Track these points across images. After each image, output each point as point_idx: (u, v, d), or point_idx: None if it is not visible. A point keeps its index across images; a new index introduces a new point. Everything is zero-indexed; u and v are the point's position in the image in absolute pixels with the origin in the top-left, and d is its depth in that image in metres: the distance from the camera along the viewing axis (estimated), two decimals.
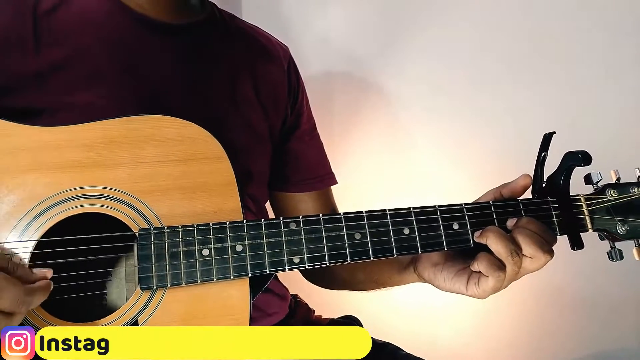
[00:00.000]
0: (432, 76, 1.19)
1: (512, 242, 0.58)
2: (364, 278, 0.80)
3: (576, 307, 1.24)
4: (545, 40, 1.18)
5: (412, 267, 0.70)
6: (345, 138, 1.19)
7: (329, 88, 1.18)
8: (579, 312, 1.24)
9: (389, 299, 0.81)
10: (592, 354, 1.26)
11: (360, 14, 1.19)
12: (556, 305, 1.23)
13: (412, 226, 0.60)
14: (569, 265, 1.16)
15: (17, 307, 0.45)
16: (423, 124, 1.21)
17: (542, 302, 1.24)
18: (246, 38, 0.78)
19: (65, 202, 0.54)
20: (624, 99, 1.19)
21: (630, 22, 1.18)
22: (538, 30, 1.18)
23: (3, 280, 0.45)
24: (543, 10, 1.18)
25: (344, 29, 1.19)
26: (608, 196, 0.67)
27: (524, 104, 1.19)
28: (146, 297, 0.53)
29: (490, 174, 1.15)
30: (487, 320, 1.23)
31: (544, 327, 1.25)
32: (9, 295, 0.44)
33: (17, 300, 0.45)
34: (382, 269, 0.76)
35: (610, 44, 1.18)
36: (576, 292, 1.23)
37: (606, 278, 1.21)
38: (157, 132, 0.58)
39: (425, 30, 1.18)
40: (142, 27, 0.67)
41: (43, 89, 0.61)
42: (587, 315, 1.25)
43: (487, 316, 1.23)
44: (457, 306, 1.21)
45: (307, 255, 0.57)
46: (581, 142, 0.74)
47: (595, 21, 1.18)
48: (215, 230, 0.55)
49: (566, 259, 0.65)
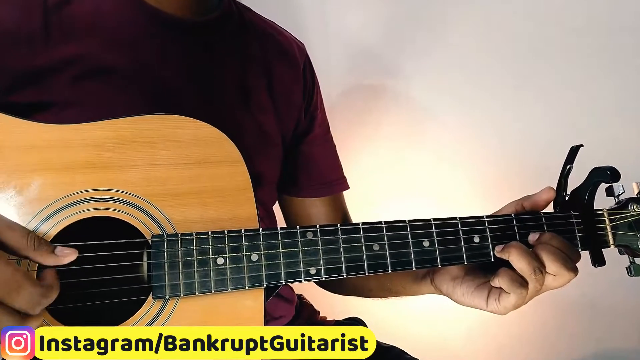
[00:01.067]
0: (437, 78, 1.18)
1: (535, 259, 0.56)
2: (376, 286, 0.78)
3: (576, 308, 1.24)
4: (547, 41, 1.17)
5: (429, 278, 0.68)
6: (349, 140, 1.17)
7: (330, 90, 1.16)
8: (579, 312, 1.24)
9: (395, 301, 0.80)
10: (593, 354, 1.26)
11: (366, 14, 1.16)
12: (557, 305, 1.23)
13: (432, 238, 0.58)
14: None
15: (33, 308, 0.43)
16: (428, 126, 1.19)
17: (544, 303, 1.23)
18: (262, 35, 0.75)
19: (76, 204, 0.51)
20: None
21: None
22: (539, 30, 1.16)
23: (22, 277, 0.43)
24: (544, 10, 1.16)
25: (349, 30, 1.16)
26: (631, 211, 0.65)
27: (528, 107, 1.18)
28: (158, 306, 0.52)
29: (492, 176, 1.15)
30: (490, 323, 1.23)
31: (546, 329, 1.25)
32: (26, 293, 0.43)
33: (33, 301, 0.43)
34: (396, 277, 0.74)
35: (610, 44, 1.17)
36: (576, 292, 1.23)
37: (606, 278, 1.20)
38: (171, 132, 0.55)
39: (429, 32, 1.17)
40: (156, 23, 0.64)
41: (52, 84, 0.58)
42: (587, 316, 1.25)
43: (490, 319, 1.21)
44: (462, 310, 1.19)
45: (324, 267, 0.55)
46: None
47: (596, 21, 1.16)
48: (230, 238, 0.53)
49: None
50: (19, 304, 0.43)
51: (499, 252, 0.58)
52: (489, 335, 1.24)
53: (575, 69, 1.17)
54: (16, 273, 0.43)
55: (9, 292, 0.42)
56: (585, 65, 1.17)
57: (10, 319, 0.43)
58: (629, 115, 1.19)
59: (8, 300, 0.42)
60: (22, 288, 0.42)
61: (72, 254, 0.48)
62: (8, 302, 0.42)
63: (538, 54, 1.17)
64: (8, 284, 0.42)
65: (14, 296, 0.42)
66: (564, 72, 1.17)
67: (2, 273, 0.42)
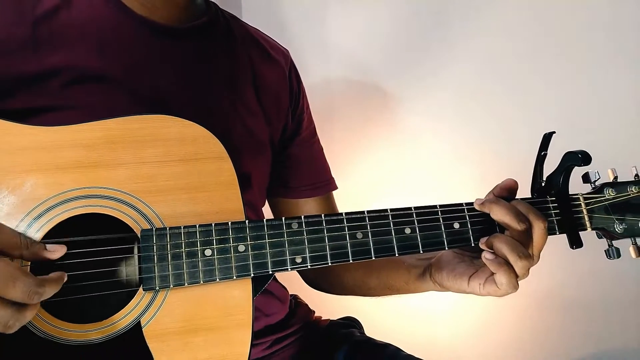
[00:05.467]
0: (432, 77, 1.19)
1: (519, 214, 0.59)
2: (377, 284, 0.78)
3: (575, 307, 1.25)
4: (547, 40, 1.19)
5: (428, 274, 0.69)
6: (345, 140, 1.19)
7: (328, 91, 1.18)
8: (578, 312, 1.25)
9: (390, 299, 0.80)
10: (592, 354, 1.27)
11: (359, 16, 1.19)
12: (555, 305, 1.24)
13: (413, 225, 0.60)
14: (568, 266, 1.17)
15: (29, 298, 0.45)
16: (423, 125, 1.21)
17: (541, 302, 1.24)
18: (248, 42, 0.78)
19: (66, 202, 0.53)
20: (622, 98, 1.19)
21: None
22: (540, 31, 1.19)
23: (15, 269, 0.44)
24: (545, 11, 1.19)
25: (343, 31, 1.19)
26: (606, 195, 0.67)
27: (524, 104, 1.20)
28: (149, 297, 0.53)
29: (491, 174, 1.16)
30: (487, 320, 1.24)
31: (544, 328, 1.25)
32: (21, 284, 0.44)
33: (29, 291, 0.44)
34: (397, 274, 0.74)
35: (609, 44, 1.19)
36: (575, 292, 1.24)
37: (605, 278, 1.21)
38: (159, 131, 0.58)
39: (426, 31, 1.18)
40: (143, 30, 0.66)
41: (43, 91, 0.60)
42: (587, 316, 1.25)
43: (487, 317, 1.23)
44: (457, 307, 1.21)
45: (309, 255, 0.57)
46: (579, 140, 0.75)
47: (598, 21, 1.19)
48: (217, 231, 0.55)
49: (565, 259, 0.65)
50: (15, 295, 0.44)
51: (479, 205, 0.61)
52: (485, 333, 1.24)
53: (580, 68, 1.19)
54: (9, 267, 0.44)
55: (5, 285, 0.43)
56: (584, 64, 1.19)
57: (7, 310, 0.44)
58: (627, 114, 1.20)
59: (4, 292, 0.44)
60: (17, 279, 0.44)
61: (61, 249, 0.50)
62: (5, 295, 0.44)
63: (541, 52, 1.18)
64: (3, 278, 0.43)
65: (10, 288, 0.44)
66: (566, 70, 1.19)
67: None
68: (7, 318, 0.44)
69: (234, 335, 0.54)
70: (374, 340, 0.80)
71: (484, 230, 0.62)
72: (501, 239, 0.58)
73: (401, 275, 0.74)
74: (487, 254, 0.59)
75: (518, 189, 0.64)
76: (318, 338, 0.81)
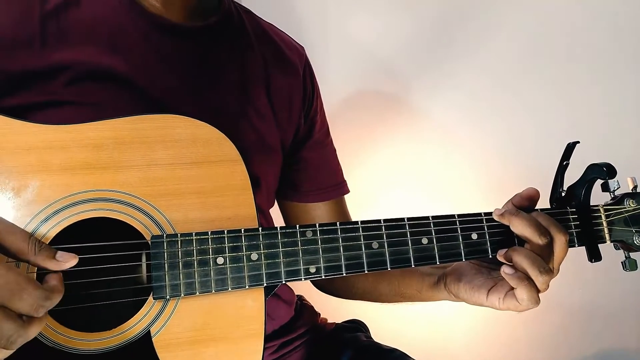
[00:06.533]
0: (450, 78, 1.18)
1: (540, 227, 0.57)
2: (388, 291, 0.77)
3: (578, 309, 1.25)
4: (553, 40, 1.17)
5: (443, 283, 0.67)
6: (355, 141, 1.17)
7: (343, 90, 1.16)
8: (581, 313, 1.25)
9: (396, 303, 0.79)
10: (594, 355, 1.27)
11: (368, 17, 1.17)
12: (558, 307, 1.23)
13: (430, 236, 0.58)
14: (569, 269, 1.16)
15: (35, 311, 0.42)
16: (433, 126, 1.20)
17: (545, 305, 1.23)
18: (262, 41, 0.75)
19: (74, 205, 0.51)
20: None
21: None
22: (543, 31, 1.17)
23: (23, 279, 0.42)
24: (546, 11, 1.17)
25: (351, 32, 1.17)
26: (626, 206, 0.66)
27: (533, 106, 1.18)
28: (159, 306, 0.51)
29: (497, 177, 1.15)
30: (492, 325, 1.23)
31: (546, 330, 1.25)
32: (27, 296, 0.42)
33: (36, 303, 0.42)
34: (410, 282, 0.73)
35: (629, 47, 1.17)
36: (578, 294, 1.24)
37: (606, 280, 1.21)
38: (170, 132, 0.56)
39: (433, 31, 1.16)
40: (154, 28, 0.64)
41: (50, 88, 0.58)
42: (589, 317, 1.25)
43: (492, 321, 1.23)
44: (464, 312, 1.20)
45: (323, 265, 0.55)
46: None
47: (600, 21, 1.17)
48: (230, 238, 0.53)
49: (567, 262, 0.64)
50: (22, 307, 0.42)
51: (498, 216, 0.59)
52: (490, 337, 1.24)
53: (584, 68, 1.17)
54: (17, 276, 0.42)
55: (11, 296, 0.41)
56: (593, 65, 1.17)
57: (13, 324, 0.41)
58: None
59: (10, 304, 0.41)
60: (24, 291, 0.41)
61: (73, 259, 0.47)
62: (10, 306, 0.41)
63: (546, 52, 1.16)
64: (9, 288, 0.41)
65: (16, 300, 0.41)
66: (572, 71, 1.17)
67: (3, 277, 0.41)
68: (10, 332, 0.41)
69: (245, 346, 0.53)
70: (380, 345, 0.79)
71: (502, 242, 0.60)
72: (521, 252, 0.57)
73: (414, 283, 0.72)
74: (507, 268, 0.57)
75: (539, 198, 0.62)
76: (324, 342, 0.80)
